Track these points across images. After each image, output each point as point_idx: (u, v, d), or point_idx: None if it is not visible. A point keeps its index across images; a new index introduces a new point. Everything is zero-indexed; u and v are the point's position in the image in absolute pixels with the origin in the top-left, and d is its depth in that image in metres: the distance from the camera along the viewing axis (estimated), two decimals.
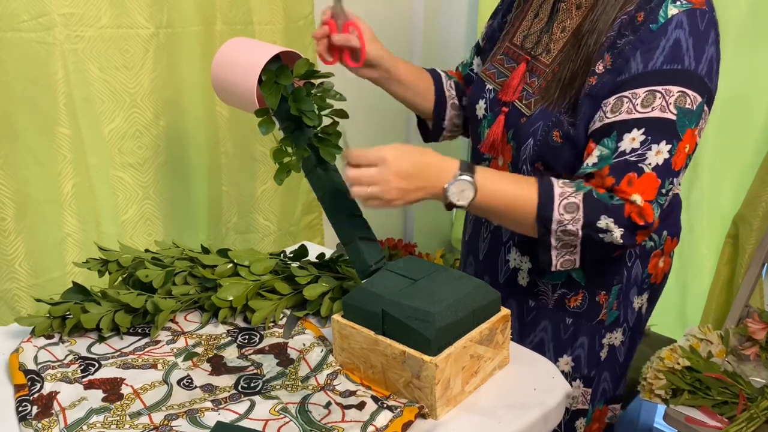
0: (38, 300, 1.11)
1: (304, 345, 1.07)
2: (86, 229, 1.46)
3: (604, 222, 0.97)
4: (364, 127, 1.33)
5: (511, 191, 1.00)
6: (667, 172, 0.97)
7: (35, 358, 1.01)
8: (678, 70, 0.96)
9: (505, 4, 1.26)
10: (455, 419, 0.92)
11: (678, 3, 0.97)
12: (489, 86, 1.18)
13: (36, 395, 0.94)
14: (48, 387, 0.95)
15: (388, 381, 0.96)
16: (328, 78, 1.13)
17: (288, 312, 1.16)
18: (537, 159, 1.08)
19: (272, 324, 1.13)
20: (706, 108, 0.99)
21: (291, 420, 0.90)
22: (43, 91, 1.34)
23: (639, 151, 0.97)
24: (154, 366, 1.01)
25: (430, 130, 1.36)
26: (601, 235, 0.98)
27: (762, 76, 1.60)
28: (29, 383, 0.96)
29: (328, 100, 1.12)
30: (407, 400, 0.94)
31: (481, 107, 1.19)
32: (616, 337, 1.17)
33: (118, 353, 1.05)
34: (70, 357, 1.03)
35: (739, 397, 1.24)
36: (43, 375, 0.98)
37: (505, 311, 1.01)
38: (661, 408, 1.36)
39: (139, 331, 1.10)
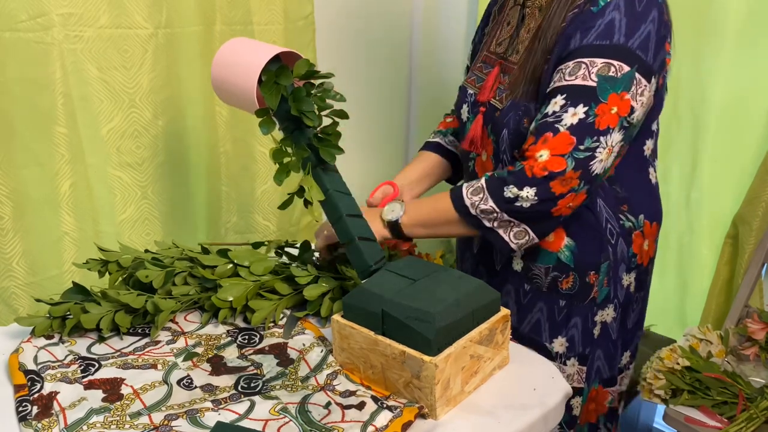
0: (38, 300, 1.12)
1: (303, 345, 1.07)
2: (84, 228, 1.47)
3: (509, 192, 1.08)
4: (364, 128, 1.35)
5: (431, 200, 1.18)
6: (585, 130, 1.05)
7: (35, 359, 1.02)
8: (606, 45, 1.06)
9: (483, 20, 1.37)
10: (455, 419, 0.93)
11: None
12: (470, 91, 1.29)
13: (36, 395, 0.95)
14: (48, 387, 0.96)
15: (388, 381, 0.96)
16: (328, 78, 1.14)
17: (288, 312, 1.17)
18: (513, 147, 1.17)
19: (272, 324, 1.13)
20: (638, 76, 1.06)
21: (291, 420, 0.90)
22: (41, 90, 1.35)
23: (557, 114, 1.07)
24: (154, 366, 1.02)
25: (455, 180, 1.48)
26: (517, 204, 1.08)
27: (762, 76, 1.61)
28: (29, 383, 0.97)
29: (327, 101, 1.12)
30: (407, 400, 0.95)
31: (464, 111, 1.29)
32: (608, 314, 1.22)
33: (118, 353, 1.05)
34: (70, 357, 1.03)
35: (738, 397, 1.25)
36: (43, 375, 0.98)
37: (504, 311, 1.02)
38: (661, 408, 1.37)
39: (139, 331, 1.11)
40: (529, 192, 1.07)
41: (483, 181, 1.11)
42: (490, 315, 1.00)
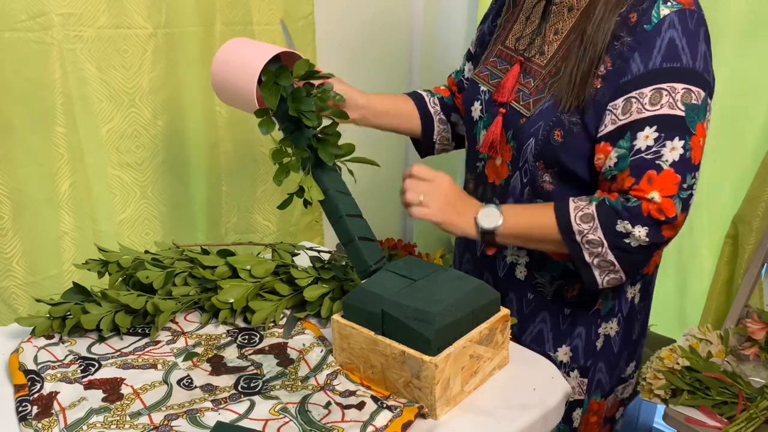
0: (38, 300, 1.12)
1: (303, 345, 1.08)
2: (83, 227, 1.47)
3: (621, 226, 1.02)
4: (364, 129, 1.35)
5: (532, 212, 1.10)
6: (686, 166, 1.01)
7: (35, 358, 1.02)
8: (677, 68, 1.00)
9: (494, 8, 1.31)
10: (455, 419, 0.93)
11: (669, 3, 1.02)
12: (483, 88, 1.22)
13: (36, 395, 0.95)
14: (48, 387, 0.96)
15: (388, 381, 0.97)
16: (328, 79, 1.14)
17: (288, 312, 1.17)
18: (539, 158, 1.12)
19: (272, 324, 1.14)
20: (709, 101, 1.03)
21: (291, 420, 0.91)
22: (41, 90, 1.35)
23: (654, 149, 1.01)
24: (154, 366, 1.02)
25: (422, 147, 1.42)
26: (626, 240, 1.03)
27: (762, 76, 1.61)
28: (29, 383, 0.97)
29: (327, 101, 1.12)
30: (407, 400, 0.95)
31: (476, 109, 1.22)
32: (611, 327, 1.20)
33: (118, 353, 1.06)
34: (70, 357, 1.04)
35: (738, 397, 1.25)
36: (43, 375, 0.99)
37: (504, 311, 1.02)
38: (661, 408, 1.37)
39: (139, 331, 1.11)
40: (641, 231, 1.01)
41: (594, 207, 1.04)
42: (490, 315, 1.00)
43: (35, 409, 0.93)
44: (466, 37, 2.22)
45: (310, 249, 1.31)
